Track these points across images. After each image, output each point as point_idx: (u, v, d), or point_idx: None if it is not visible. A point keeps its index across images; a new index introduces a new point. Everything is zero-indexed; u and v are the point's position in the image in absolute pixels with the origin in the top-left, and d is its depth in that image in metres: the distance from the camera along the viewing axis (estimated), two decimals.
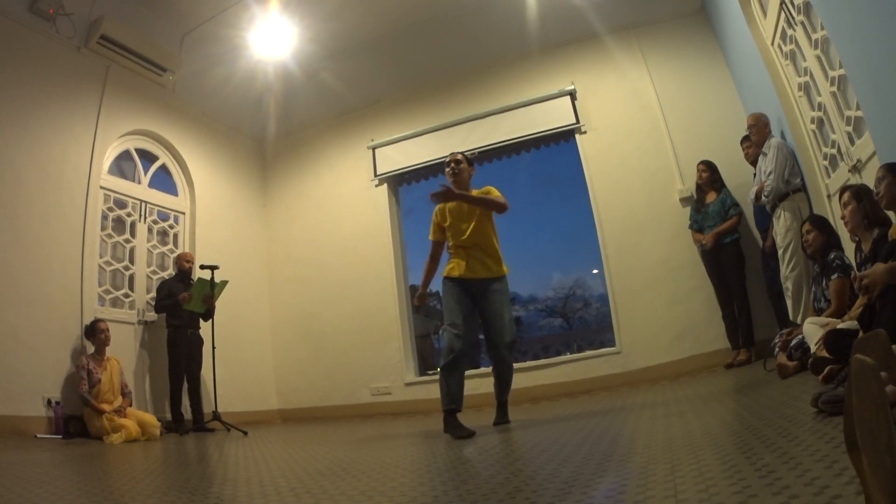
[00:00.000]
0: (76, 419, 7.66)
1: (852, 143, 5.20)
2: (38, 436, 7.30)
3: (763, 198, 6.68)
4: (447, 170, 5.83)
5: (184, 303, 8.44)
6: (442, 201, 5.66)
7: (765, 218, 7.19)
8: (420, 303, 6.70)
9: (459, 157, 5.83)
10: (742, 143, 7.62)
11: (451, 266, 5.60)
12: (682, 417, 4.01)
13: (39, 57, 8.34)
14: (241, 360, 10.32)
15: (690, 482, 1.97)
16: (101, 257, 8.82)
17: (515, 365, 10.09)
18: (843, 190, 4.58)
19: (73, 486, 3.68)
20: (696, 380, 7.17)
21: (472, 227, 5.59)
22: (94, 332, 7.94)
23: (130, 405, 7.94)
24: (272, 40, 9.89)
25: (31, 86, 8.22)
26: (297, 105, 11.46)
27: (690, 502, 1.71)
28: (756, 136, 6.96)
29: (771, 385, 4.92)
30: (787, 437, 2.54)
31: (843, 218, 4.53)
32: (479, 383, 8.69)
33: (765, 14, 6.66)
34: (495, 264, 5.71)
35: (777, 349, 5.54)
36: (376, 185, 11.05)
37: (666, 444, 2.95)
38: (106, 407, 7.53)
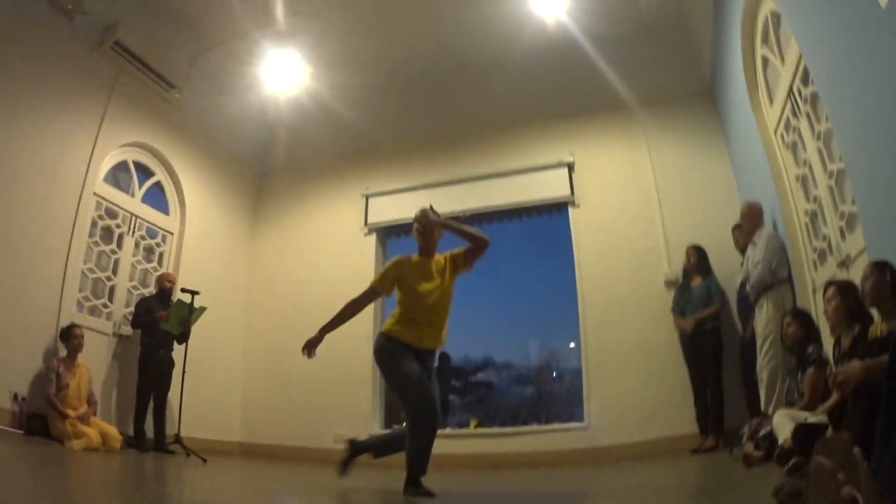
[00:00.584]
0: (40, 418, 7.58)
1: (843, 237, 5.15)
2: (0, 427, 7.24)
3: (747, 287, 6.62)
4: (416, 226, 5.57)
5: (161, 321, 8.37)
6: (432, 224, 5.43)
7: (748, 307, 7.09)
8: (311, 351, 5.89)
9: (433, 216, 5.52)
10: (733, 230, 7.58)
11: (402, 328, 5.13)
12: (643, 500, 4.00)
13: (51, 52, 8.33)
14: (209, 386, 10.18)
15: None
16: (85, 263, 8.76)
17: (484, 429, 10.02)
18: (828, 285, 4.52)
19: (28, 484, 3.65)
20: (660, 463, 7.02)
21: (439, 293, 5.21)
22: (69, 337, 7.89)
23: (95, 414, 7.88)
24: (281, 75, 9.92)
25: (39, 79, 8.21)
26: (298, 142, 11.48)
27: None
28: (748, 224, 6.90)
29: (735, 473, 4.86)
30: None
31: (825, 312, 4.46)
32: (443, 443, 8.65)
33: (771, 102, 6.67)
34: (443, 335, 5.33)
35: (745, 438, 5.45)
36: (365, 234, 11.03)
37: None
38: (70, 412, 7.48)
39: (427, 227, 5.44)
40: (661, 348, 8.36)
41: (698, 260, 8.08)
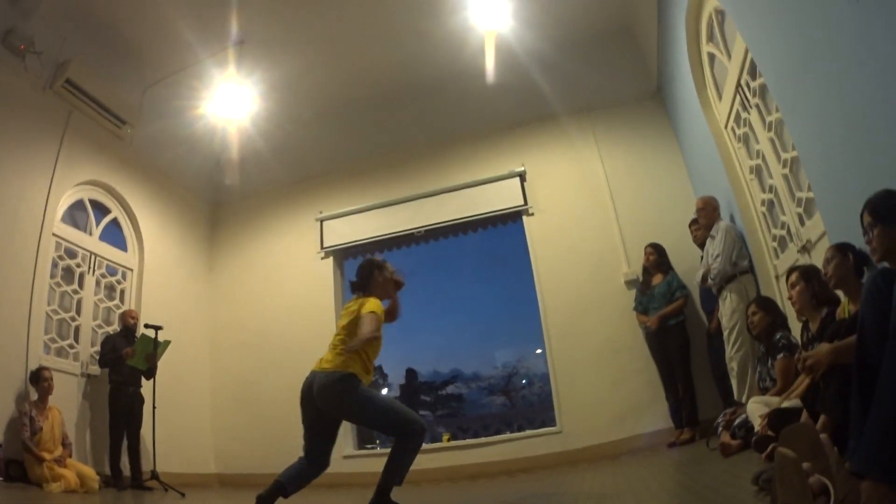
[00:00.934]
0: (17, 463, 7.47)
1: (802, 224, 5.25)
2: None
3: (709, 280, 6.70)
4: (396, 278, 5.58)
5: (126, 358, 8.28)
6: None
7: (711, 300, 7.20)
8: None
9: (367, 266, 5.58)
10: (690, 225, 7.62)
11: (365, 377, 5.06)
12: (619, 500, 3.98)
13: (4, 91, 8.23)
14: (181, 420, 10.06)
15: None
16: (48, 305, 8.64)
17: (457, 441, 10.03)
18: (790, 270, 4.59)
19: None
20: (636, 459, 7.06)
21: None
22: (38, 380, 7.80)
23: (70, 456, 7.79)
24: (230, 104, 9.90)
25: None
26: (251, 170, 11.45)
27: None
28: (704, 219, 7.00)
29: (713, 464, 4.88)
30: None
31: (790, 298, 4.52)
32: (417, 459, 8.68)
33: (720, 97, 6.78)
34: None
35: (721, 428, 5.50)
36: (322, 258, 11.02)
37: None
38: (46, 455, 7.39)
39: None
40: (627, 348, 8.44)
41: (657, 257, 8.16)
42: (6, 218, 8.04)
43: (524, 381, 17.83)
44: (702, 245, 7.21)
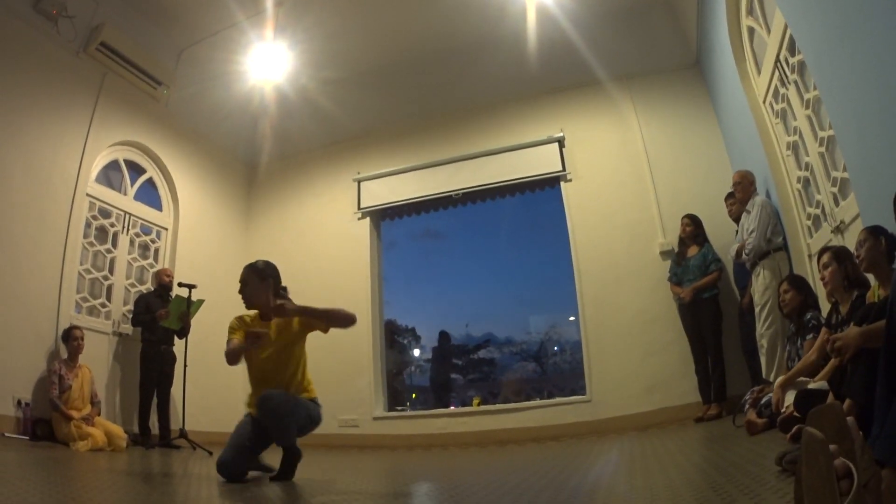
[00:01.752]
0: (44, 422, 7.59)
1: (837, 204, 5.20)
2: (6, 434, 7.25)
3: (743, 255, 6.67)
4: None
5: (160, 319, 8.37)
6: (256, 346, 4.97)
7: (744, 275, 7.17)
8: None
9: (244, 275, 5.35)
10: (726, 199, 7.56)
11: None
12: (646, 471, 3.95)
13: (37, 56, 8.34)
14: (212, 380, 10.05)
15: None
16: (81, 264, 8.77)
17: (487, 406, 10.05)
18: (823, 251, 4.56)
19: (35, 489, 3.60)
20: (664, 432, 7.07)
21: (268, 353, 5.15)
22: (69, 339, 7.90)
23: (99, 414, 7.90)
24: (268, 64, 9.87)
25: (26, 84, 8.22)
26: (288, 131, 11.45)
27: None
28: (741, 193, 6.94)
29: (738, 441, 4.88)
30: (748, 495, 2.50)
31: (822, 279, 4.50)
32: (447, 422, 8.85)
33: (759, 71, 6.70)
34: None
35: (747, 406, 5.50)
36: (359, 218, 11.05)
37: (627, 497, 2.94)
38: (75, 414, 7.47)
39: (243, 289, 5.40)
40: (660, 319, 8.41)
41: (694, 228, 8.10)
42: (39, 179, 8.20)
43: (556, 349, 17.78)
44: (737, 219, 7.16)
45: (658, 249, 8.79)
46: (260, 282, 5.16)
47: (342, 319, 5.10)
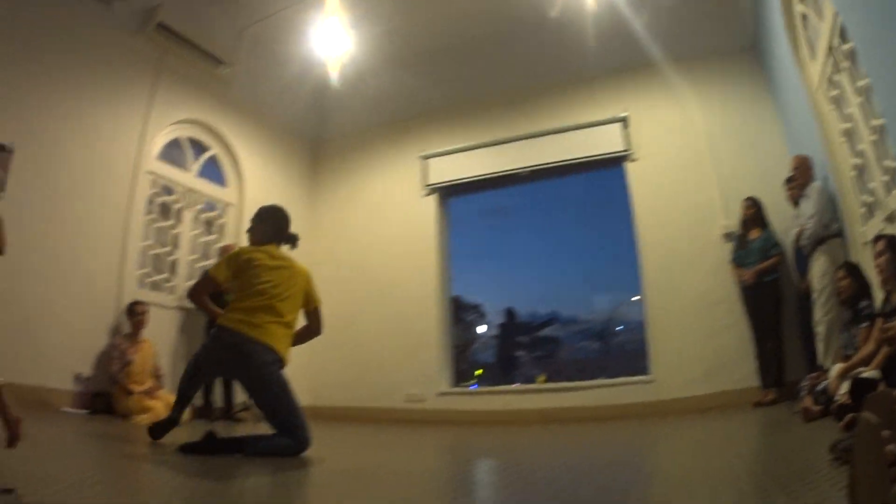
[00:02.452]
0: (104, 396, 7.78)
1: (889, 192, 5.22)
2: (64, 409, 7.43)
3: (802, 241, 6.72)
4: None
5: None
6: None
7: (804, 260, 7.12)
8: None
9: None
10: (786, 183, 7.56)
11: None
12: (704, 454, 4.05)
13: (94, 38, 8.54)
14: None
15: None
16: (144, 241, 9.01)
17: (551, 384, 10.15)
18: (877, 238, 4.63)
19: (93, 462, 3.82)
20: (723, 416, 7.12)
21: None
22: (132, 314, 8.13)
23: (161, 388, 8.10)
24: (330, 42, 9.82)
25: (84, 66, 8.42)
26: (352, 109, 11.60)
27: None
28: (800, 178, 6.99)
29: (794, 428, 4.93)
30: (802, 481, 2.59)
31: (876, 266, 4.58)
32: (510, 399, 9.31)
33: (813, 57, 6.70)
34: None
35: (804, 392, 5.53)
36: (425, 195, 11.16)
37: (685, 478, 3.04)
38: (136, 388, 7.69)
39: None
40: (722, 302, 8.40)
41: (756, 211, 8.09)
42: (99, 158, 8.45)
43: (620, 328, 17.81)
44: (796, 203, 7.18)
45: (719, 232, 8.76)
46: (259, 223, 5.66)
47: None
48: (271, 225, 5.66)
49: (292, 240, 5.75)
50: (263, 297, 5.11)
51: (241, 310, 5.02)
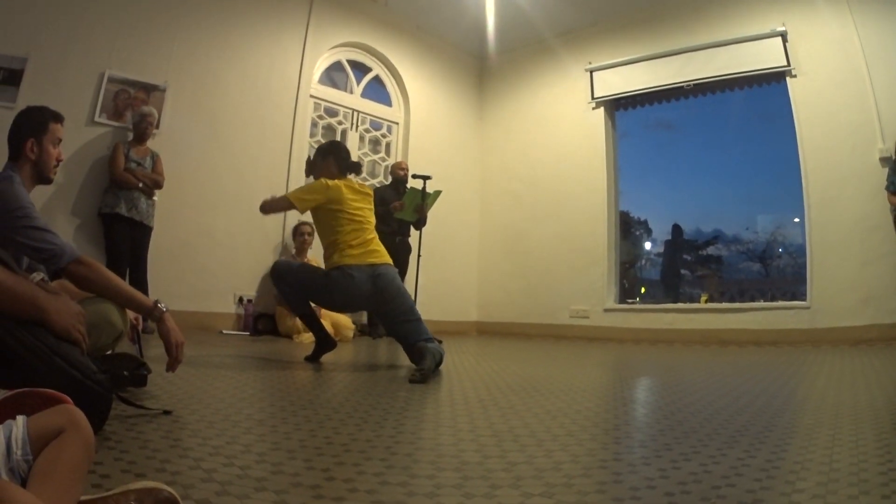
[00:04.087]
0: (266, 317, 8.38)
1: None
2: (224, 332, 8.04)
3: None
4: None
5: (395, 211, 8.78)
6: None
7: None
8: None
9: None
10: None
11: None
12: (853, 387, 4.13)
13: None
14: (446, 270, 10.83)
15: (846, 453, 2.14)
16: None
17: (713, 304, 10.37)
18: None
19: (254, 381, 4.10)
20: (872, 350, 7.11)
21: None
22: (297, 234, 8.66)
23: None
24: None
25: None
26: (515, 22, 11.58)
27: (841, 473, 1.88)
28: None
29: None
30: None
31: None
32: (674, 318, 9.61)
33: None
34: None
35: None
36: (593, 108, 11.36)
37: (834, 410, 3.16)
38: None
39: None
40: (879, 228, 8.32)
41: None
42: (258, 88, 9.07)
43: (780, 250, 17.57)
44: None
45: (877, 155, 8.63)
46: (322, 160, 5.64)
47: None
48: (335, 159, 5.62)
49: (356, 168, 5.81)
50: (367, 226, 5.43)
51: (361, 244, 5.27)
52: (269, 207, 5.55)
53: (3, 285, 2.01)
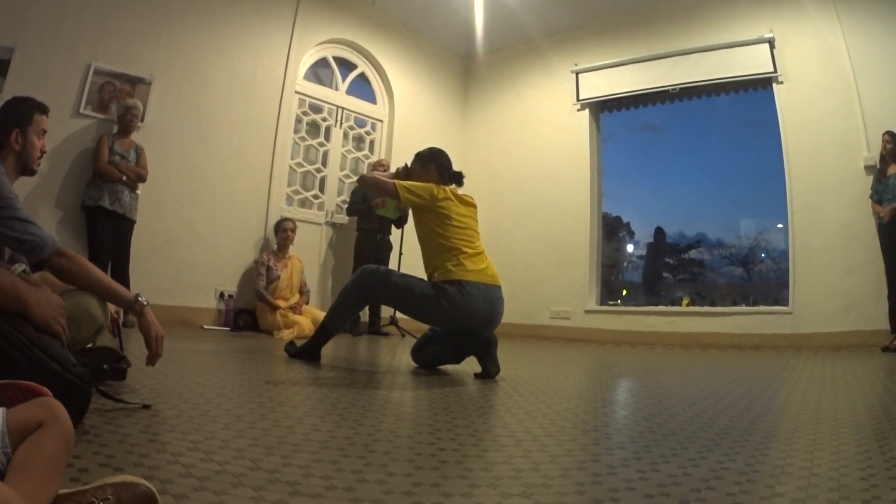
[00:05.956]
0: (247, 313, 8.34)
1: None
2: (205, 327, 7.98)
3: None
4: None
5: (377, 209, 8.79)
6: None
7: None
8: None
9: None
10: None
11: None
12: (834, 392, 4.12)
13: None
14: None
15: (826, 458, 2.15)
16: (292, 159, 9.53)
17: (695, 307, 10.28)
18: None
19: (234, 376, 4.06)
20: (853, 356, 7.12)
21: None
22: (279, 230, 8.59)
23: (307, 303, 8.52)
24: None
25: None
26: (503, 23, 11.53)
27: (821, 477, 1.89)
28: None
29: None
30: None
31: None
32: (655, 320, 9.52)
33: None
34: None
35: None
36: (578, 110, 11.35)
37: (815, 415, 3.15)
38: (281, 303, 8.14)
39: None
40: (861, 236, 8.33)
41: (895, 146, 7.95)
42: (243, 83, 9.04)
43: (763, 255, 17.67)
44: None
45: (862, 163, 8.63)
46: (421, 168, 5.41)
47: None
48: (437, 167, 5.38)
49: (458, 178, 5.50)
50: (476, 236, 5.21)
51: (477, 257, 4.99)
52: (372, 183, 5.53)
53: None
